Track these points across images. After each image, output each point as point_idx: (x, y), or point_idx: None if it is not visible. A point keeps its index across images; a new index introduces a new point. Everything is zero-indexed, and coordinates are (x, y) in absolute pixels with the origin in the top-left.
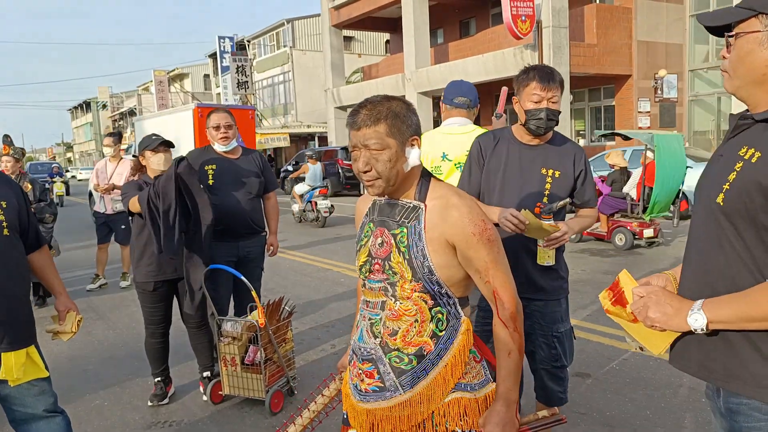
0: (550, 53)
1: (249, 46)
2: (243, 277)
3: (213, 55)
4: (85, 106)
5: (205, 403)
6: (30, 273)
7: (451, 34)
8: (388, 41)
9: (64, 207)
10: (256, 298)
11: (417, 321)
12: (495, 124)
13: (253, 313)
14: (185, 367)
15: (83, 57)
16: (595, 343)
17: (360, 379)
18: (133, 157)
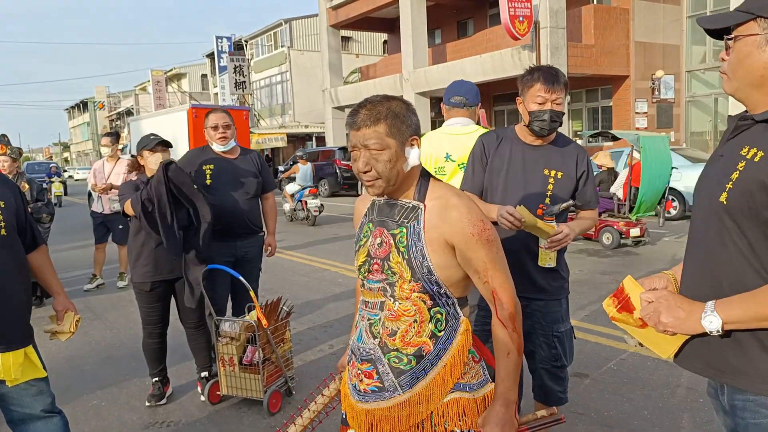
0: (548, 54)
1: (246, 46)
2: (241, 278)
3: (210, 55)
4: (82, 106)
5: (203, 403)
6: (28, 273)
7: (449, 34)
8: (385, 41)
9: (62, 207)
10: (254, 299)
11: (416, 321)
12: None
13: (251, 313)
14: (183, 367)
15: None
16: (593, 343)
17: (359, 380)
18: (131, 156)
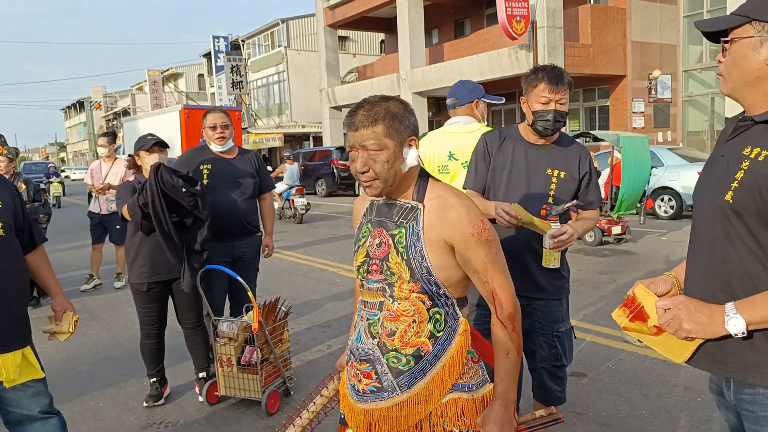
0: (545, 53)
1: (243, 45)
2: (239, 278)
3: (207, 55)
4: (78, 106)
5: (201, 403)
6: (27, 273)
7: (446, 34)
8: (383, 41)
9: (60, 208)
10: (253, 299)
11: (415, 322)
12: None
13: (249, 314)
14: (181, 367)
15: (77, 56)
16: (591, 342)
17: (357, 380)
18: (128, 156)
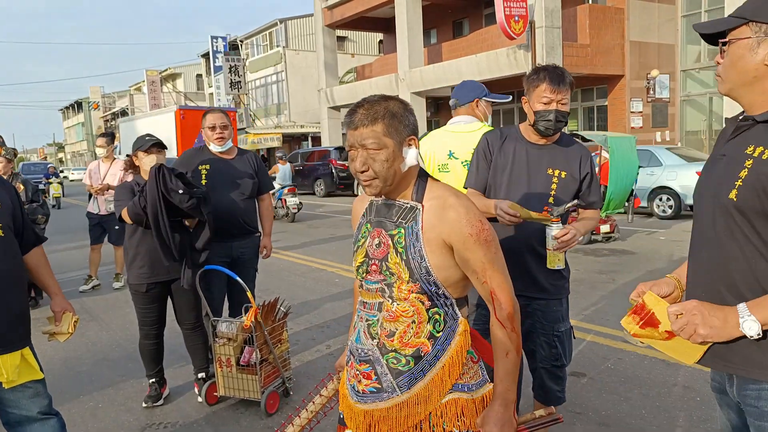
0: (543, 53)
1: (242, 45)
2: (238, 278)
3: (206, 55)
4: (76, 106)
5: (200, 404)
6: (26, 274)
7: (445, 34)
8: (381, 41)
9: (60, 209)
10: (252, 299)
11: (414, 322)
12: None
13: (249, 316)
14: (180, 368)
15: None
16: (591, 342)
17: (357, 380)
18: (126, 156)
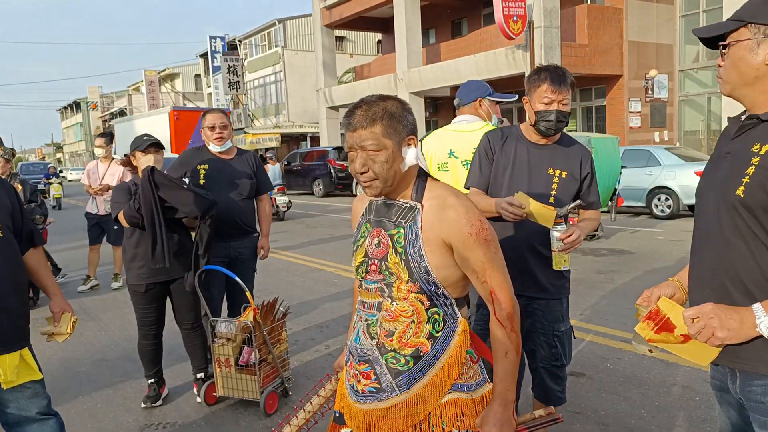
0: (542, 53)
1: (240, 45)
2: (237, 278)
3: (204, 55)
4: (74, 107)
5: (199, 404)
6: (25, 274)
7: (443, 34)
8: (379, 41)
9: (61, 210)
10: (251, 299)
11: (413, 322)
12: None
13: (246, 314)
14: (179, 368)
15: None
16: (590, 342)
17: (357, 380)
18: (124, 156)
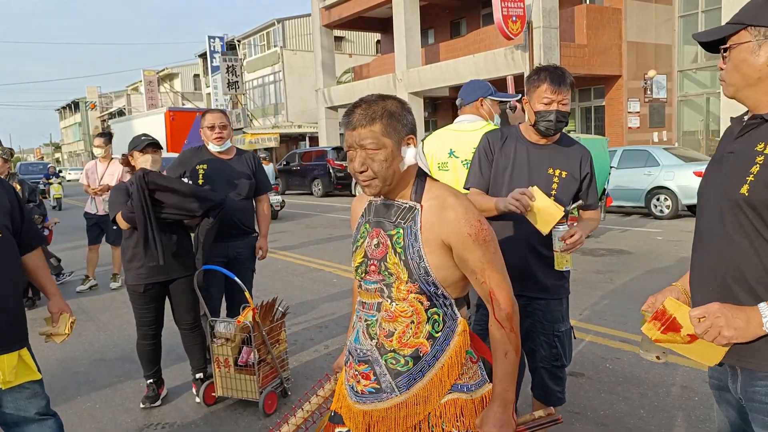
0: (541, 54)
1: (239, 45)
2: (236, 278)
3: (203, 55)
4: (73, 106)
5: (198, 404)
6: (24, 274)
7: (442, 34)
8: (378, 41)
9: (62, 210)
10: (250, 299)
11: (413, 322)
12: (511, 118)
13: (245, 314)
14: (178, 368)
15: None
16: (589, 342)
17: (356, 381)
18: (122, 156)
